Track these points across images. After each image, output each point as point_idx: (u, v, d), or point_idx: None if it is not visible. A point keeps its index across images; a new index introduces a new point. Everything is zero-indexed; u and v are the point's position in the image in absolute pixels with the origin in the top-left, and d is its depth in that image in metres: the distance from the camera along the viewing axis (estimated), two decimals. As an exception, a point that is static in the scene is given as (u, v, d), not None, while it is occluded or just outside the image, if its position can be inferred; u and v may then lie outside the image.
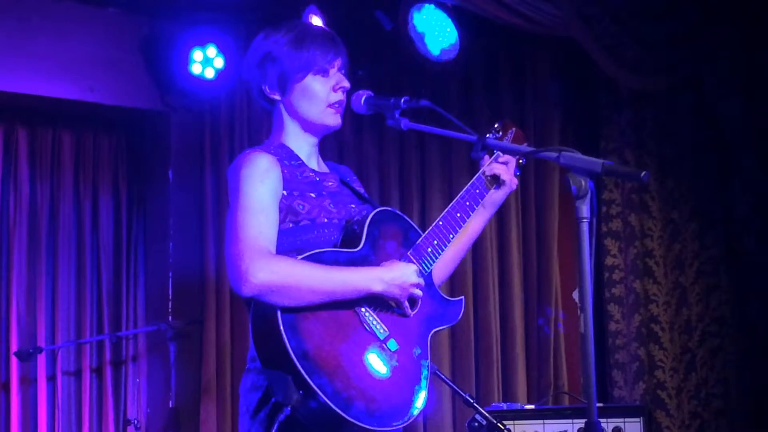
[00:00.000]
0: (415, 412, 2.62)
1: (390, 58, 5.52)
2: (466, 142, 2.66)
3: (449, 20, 5.17)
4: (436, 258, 2.78)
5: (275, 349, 2.45)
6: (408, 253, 2.74)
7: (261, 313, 2.51)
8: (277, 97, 2.80)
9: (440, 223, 2.82)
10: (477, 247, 5.71)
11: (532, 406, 4.75)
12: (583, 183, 2.27)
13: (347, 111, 2.86)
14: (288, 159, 2.74)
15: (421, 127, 2.76)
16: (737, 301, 5.77)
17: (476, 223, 3.01)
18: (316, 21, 4.89)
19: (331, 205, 2.74)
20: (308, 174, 2.76)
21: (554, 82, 5.98)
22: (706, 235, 5.87)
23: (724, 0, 5.43)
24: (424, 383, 2.67)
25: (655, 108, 5.97)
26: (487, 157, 2.99)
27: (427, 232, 2.80)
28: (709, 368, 5.78)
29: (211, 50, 5.19)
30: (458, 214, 2.86)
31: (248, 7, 5.19)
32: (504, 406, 4.65)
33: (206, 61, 5.19)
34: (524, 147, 2.98)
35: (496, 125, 3.09)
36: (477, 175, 2.97)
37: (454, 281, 5.55)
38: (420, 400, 2.64)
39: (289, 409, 2.43)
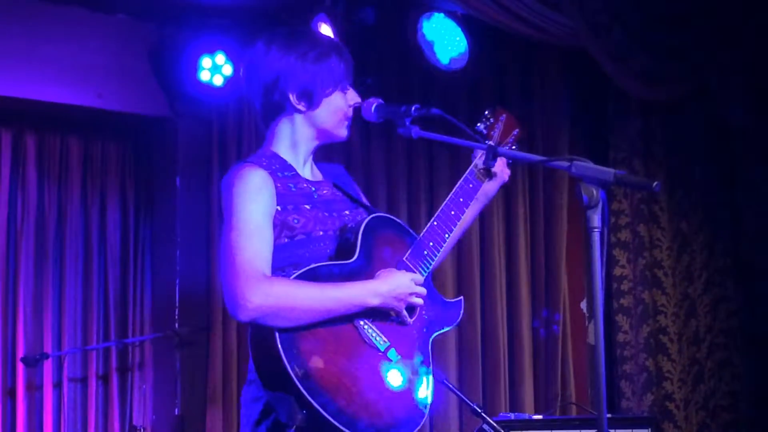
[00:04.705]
0: (422, 421, 2.60)
1: (398, 66, 5.52)
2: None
3: (459, 29, 5.17)
4: (433, 259, 2.75)
5: (276, 371, 2.43)
6: (404, 259, 2.70)
7: (259, 336, 2.49)
8: (302, 108, 2.76)
9: (435, 223, 2.79)
10: (485, 255, 5.71)
11: (539, 417, 4.73)
12: (594, 192, 2.26)
13: (356, 118, 2.85)
14: (281, 170, 2.71)
15: (431, 136, 2.75)
16: (746, 313, 5.75)
17: (469, 215, 2.97)
18: (326, 29, 4.88)
19: (326, 215, 2.72)
20: (302, 185, 2.73)
21: (563, 91, 5.98)
22: (715, 245, 5.85)
23: (733, 9, 5.42)
24: (428, 391, 2.64)
25: (664, 118, 5.95)
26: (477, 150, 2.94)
27: (422, 234, 2.77)
28: (717, 380, 5.76)
29: (220, 57, 5.18)
30: (452, 212, 2.83)
31: (257, 15, 5.20)
32: (511, 416, 4.62)
33: (215, 69, 5.18)
34: (536, 156, 2.95)
35: (486, 112, 3.06)
36: (469, 168, 2.93)
37: (461, 290, 5.54)
38: (425, 409, 2.61)
39: (293, 430, 2.42)
